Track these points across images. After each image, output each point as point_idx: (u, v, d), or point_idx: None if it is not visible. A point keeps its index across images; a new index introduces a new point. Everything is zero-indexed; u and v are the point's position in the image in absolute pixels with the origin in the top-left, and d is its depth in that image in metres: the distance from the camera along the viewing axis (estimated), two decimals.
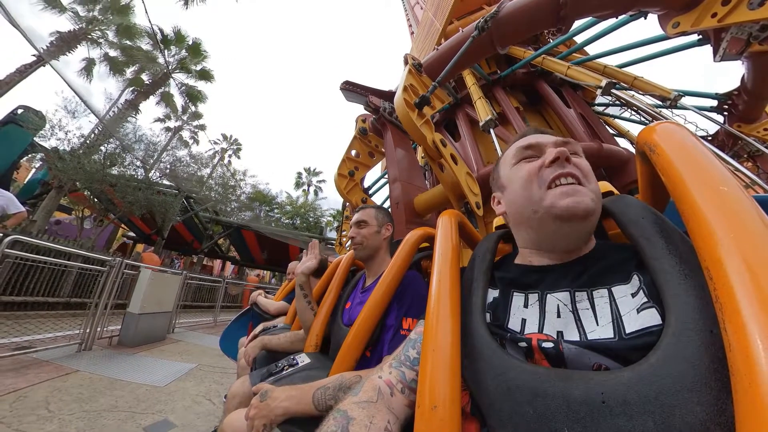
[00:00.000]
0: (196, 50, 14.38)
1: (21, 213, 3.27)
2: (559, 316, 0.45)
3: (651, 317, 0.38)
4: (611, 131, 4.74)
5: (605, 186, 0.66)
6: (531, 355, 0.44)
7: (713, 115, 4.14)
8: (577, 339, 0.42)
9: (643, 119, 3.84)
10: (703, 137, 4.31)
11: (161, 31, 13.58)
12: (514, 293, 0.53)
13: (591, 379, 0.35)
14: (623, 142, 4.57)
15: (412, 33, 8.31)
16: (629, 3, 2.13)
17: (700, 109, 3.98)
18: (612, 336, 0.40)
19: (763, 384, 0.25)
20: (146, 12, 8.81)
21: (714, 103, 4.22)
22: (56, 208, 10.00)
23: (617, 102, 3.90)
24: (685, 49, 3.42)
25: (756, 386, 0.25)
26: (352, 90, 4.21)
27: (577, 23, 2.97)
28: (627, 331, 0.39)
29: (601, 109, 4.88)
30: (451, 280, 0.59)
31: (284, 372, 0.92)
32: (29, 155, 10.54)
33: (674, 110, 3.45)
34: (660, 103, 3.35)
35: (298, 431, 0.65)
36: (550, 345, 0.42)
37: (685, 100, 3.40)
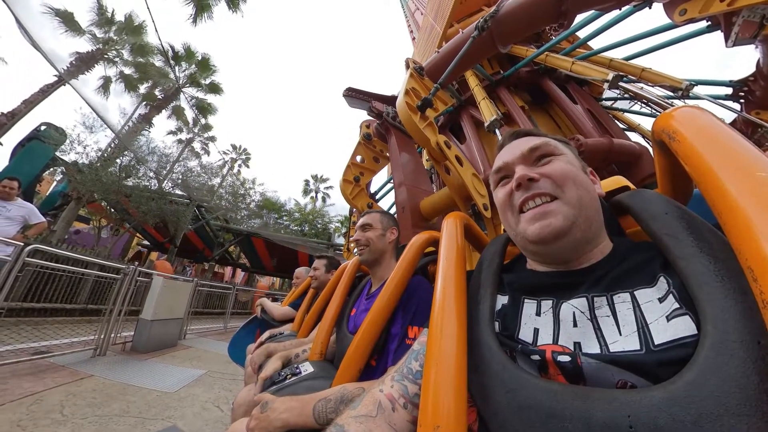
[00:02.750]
0: (205, 65, 14.91)
1: (42, 223, 3.39)
2: (575, 325, 0.40)
3: (685, 326, 0.33)
4: (621, 125, 4.62)
5: (619, 181, 0.61)
6: (545, 370, 0.39)
7: (729, 103, 3.96)
8: (598, 351, 0.36)
9: (654, 111, 3.72)
10: None
11: (172, 48, 14.16)
12: (525, 300, 0.48)
13: (615, 399, 0.31)
14: (634, 136, 4.45)
15: (414, 38, 8.39)
16: None
17: (714, 98, 3.83)
18: (638, 348, 0.34)
19: None
20: (156, 31, 9.23)
21: (729, 90, 4.04)
22: (75, 218, 10.39)
23: (626, 95, 3.80)
24: (695, 36, 3.31)
25: None
26: (354, 96, 4.25)
27: (580, 17, 2.92)
28: (656, 342, 0.34)
29: (609, 103, 4.77)
30: (457, 286, 0.55)
31: (287, 381, 0.90)
32: (51, 169, 11.01)
33: (687, 101, 3.34)
34: (671, 93, 3.25)
35: None
36: (566, 359, 0.37)
37: (698, 89, 3.27)
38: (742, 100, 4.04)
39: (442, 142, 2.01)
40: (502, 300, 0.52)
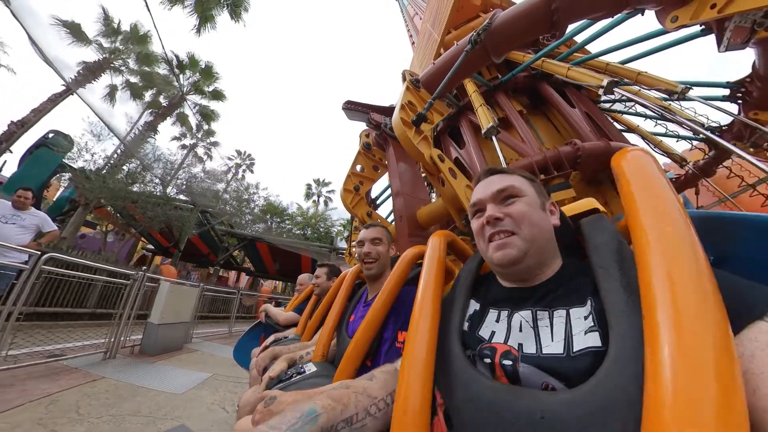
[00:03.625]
0: (208, 73, 15.18)
1: (54, 231, 3.52)
2: (521, 330, 0.53)
3: (593, 340, 0.44)
4: (621, 127, 4.65)
5: (589, 203, 0.70)
6: (494, 371, 0.50)
7: (727, 104, 3.97)
8: (534, 352, 0.48)
9: (653, 113, 3.75)
10: (717, 128, 4.15)
11: (177, 57, 14.45)
12: (490, 309, 0.61)
13: (535, 396, 0.41)
14: (634, 138, 4.49)
15: (413, 43, 8.49)
16: (622, 2, 2.15)
17: (712, 99, 3.85)
18: (561, 352, 0.45)
19: (665, 415, 0.28)
20: (161, 40, 9.46)
21: (726, 92, 4.06)
22: (83, 223, 10.58)
23: (623, 98, 3.84)
24: (691, 39, 3.33)
25: (659, 415, 0.29)
26: (353, 109, 4.36)
27: (575, 24, 2.98)
28: (574, 349, 0.45)
29: (608, 105, 4.80)
30: (433, 301, 0.68)
31: (293, 379, 0.98)
32: (58, 175, 11.25)
33: (682, 103, 3.36)
34: (666, 96, 3.27)
35: None
36: (509, 362, 0.49)
37: (696, 91, 3.29)
38: (740, 101, 4.06)
39: (436, 156, 2.08)
40: (475, 306, 0.65)
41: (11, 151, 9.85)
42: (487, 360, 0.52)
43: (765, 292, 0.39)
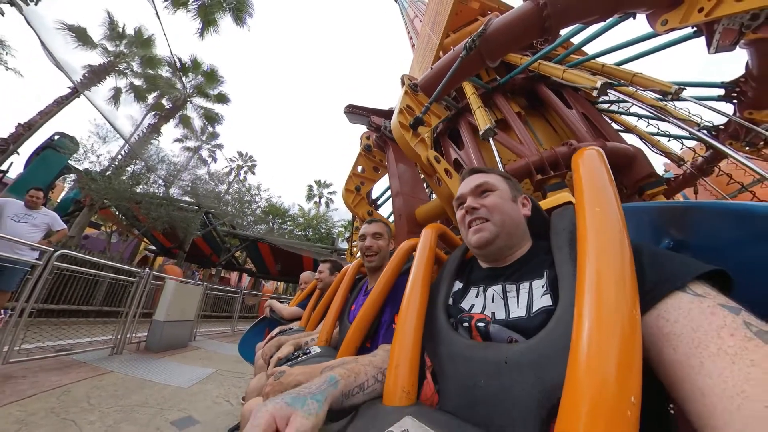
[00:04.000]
0: (212, 76, 15.33)
1: (63, 230, 3.62)
2: (493, 301, 0.64)
3: (546, 300, 0.54)
4: (618, 127, 4.70)
5: (564, 197, 0.81)
6: (470, 333, 0.61)
7: (721, 104, 3.99)
8: (503, 317, 0.59)
9: (650, 113, 3.79)
10: (712, 128, 4.18)
11: (180, 60, 14.62)
12: (471, 287, 0.73)
13: (500, 348, 0.52)
14: (631, 138, 4.53)
15: (413, 45, 8.58)
16: (613, 6, 2.21)
17: (707, 99, 3.88)
18: (524, 314, 0.56)
19: (581, 357, 0.37)
20: (168, 44, 9.62)
21: (721, 91, 4.09)
22: (88, 224, 10.72)
23: (619, 99, 3.88)
24: (684, 41, 3.39)
25: (577, 356, 0.38)
26: (354, 112, 4.46)
27: (570, 27, 3.04)
28: (533, 310, 0.55)
29: (606, 106, 4.84)
30: (422, 283, 0.79)
31: (299, 358, 1.07)
32: (63, 176, 11.41)
33: (676, 103, 3.39)
34: (661, 97, 3.31)
35: None
36: (482, 324, 0.59)
37: (691, 91, 3.32)
38: (735, 101, 4.08)
39: (432, 158, 2.16)
40: (459, 285, 0.77)
41: (18, 153, 10.00)
42: (466, 324, 0.62)
43: (687, 265, 0.44)
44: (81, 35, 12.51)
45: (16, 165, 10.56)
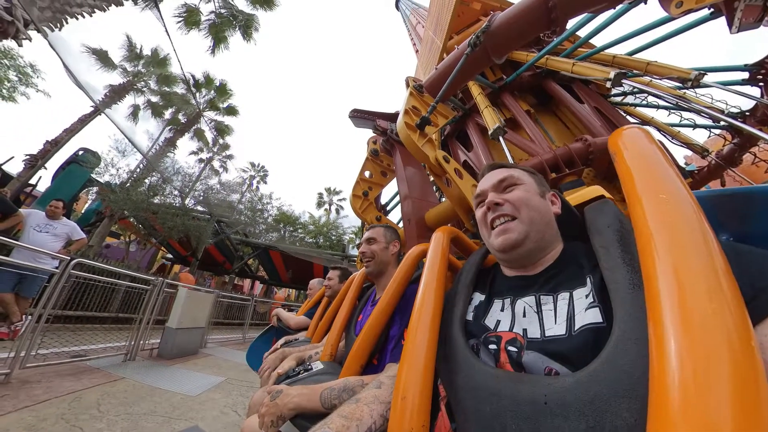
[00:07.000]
0: (222, 90, 16.05)
1: (83, 239, 3.75)
2: (524, 316, 0.52)
3: (594, 316, 0.43)
4: (634, 120, 4.50)
5: (595, 191, 0.69)
6: (498, 357, 0.49)
7: (747, 88, 3.71)
8: (538, 336, 0.48)
9: (667, 104, 3.58)
10: (739, 114, 3.89)
11: (193, 76, 15.38)
12: (495, 300, 0.61)
13: (538, 382, 0.39)
14: (649, 130, 4.31)
15: (417, 50, 8.63)
16: None
17: (731, 84, 3.63)
18: (564, 333, 0.45)
19: (672, 395, 0.25)
20: (180, 64, 10.02)
21: (746, 75, 3.81)
22: (108, 233, 11.14)
23: (634, 90, 3.70)
24: (699, 24, 3.19)
25: (665, 395, 0.26)
26: (359, 117, 4.46)
27: (577, 19, 2.92)
28: (575, 328, 0.44)
29: (619, 99, 4.65)
30: (435, 295, 0.67)
31: (300, 375, 1.00)
32: (86, 189, 11.97)
33: (697, 90, 3.18)
34: (680, 85, 3.12)
35: (308, 425, 0.69)
36: (514, 350, 0.48)
37: (712, 77, 3.10)
38: (761, 84, 3.79)
39: (441, 158, 2.09)
40: (480, 297, 0.65)
41: (46, 168, 10.57)
42: (493, 347, 0.51)
43: None
44: (103, 58, 13.29)
45: (44, 179, 11.16)
